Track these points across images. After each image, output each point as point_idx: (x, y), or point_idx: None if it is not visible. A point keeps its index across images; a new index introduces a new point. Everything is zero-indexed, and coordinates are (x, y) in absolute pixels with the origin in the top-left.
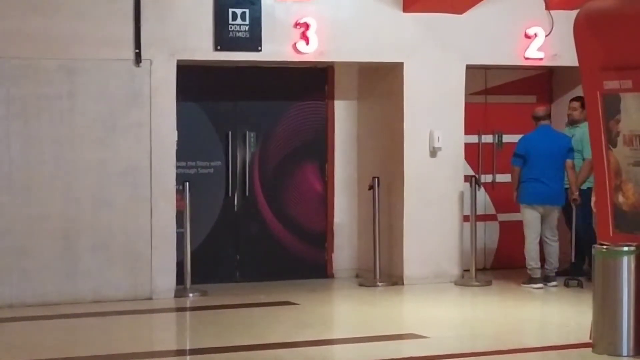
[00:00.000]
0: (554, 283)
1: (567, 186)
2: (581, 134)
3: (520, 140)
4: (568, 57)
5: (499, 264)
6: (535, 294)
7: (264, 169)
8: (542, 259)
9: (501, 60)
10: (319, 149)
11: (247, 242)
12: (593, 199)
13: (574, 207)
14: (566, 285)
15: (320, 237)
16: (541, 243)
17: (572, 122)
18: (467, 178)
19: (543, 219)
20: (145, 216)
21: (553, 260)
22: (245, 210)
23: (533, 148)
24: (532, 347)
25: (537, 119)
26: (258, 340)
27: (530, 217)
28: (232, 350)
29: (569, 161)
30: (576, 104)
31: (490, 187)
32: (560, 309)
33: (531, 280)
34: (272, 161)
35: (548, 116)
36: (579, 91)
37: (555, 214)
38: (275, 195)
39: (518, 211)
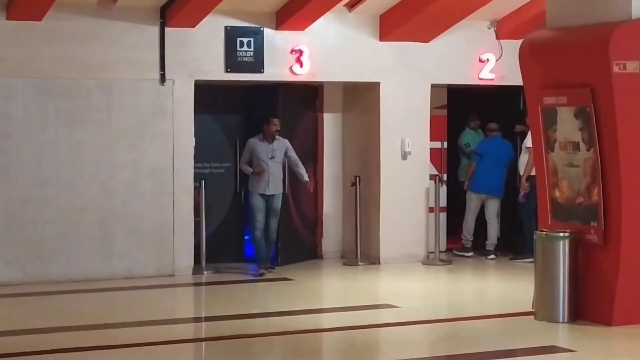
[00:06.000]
0: (492, 256)
1: None
2: None
3: (479, 143)
4: (514, 78)
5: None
6: (488, 267)
7: None
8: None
9: (460, 81)
10: (312, 152)
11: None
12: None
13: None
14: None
15: (312, 225)
16: (484, 223)
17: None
18: (432, 177)
19: (484, 204)
20: (168, 207)
21: (493, 237)
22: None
23: (488, 151)
24: (486, 315)
25: (490, 130)
26: (260, 310)
27: (474, 202)
28: (238, 318)
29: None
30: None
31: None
32: (507, 283)
33: (464, 249)
34: None
35: (498, 129)
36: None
37: (494, 201)
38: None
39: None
